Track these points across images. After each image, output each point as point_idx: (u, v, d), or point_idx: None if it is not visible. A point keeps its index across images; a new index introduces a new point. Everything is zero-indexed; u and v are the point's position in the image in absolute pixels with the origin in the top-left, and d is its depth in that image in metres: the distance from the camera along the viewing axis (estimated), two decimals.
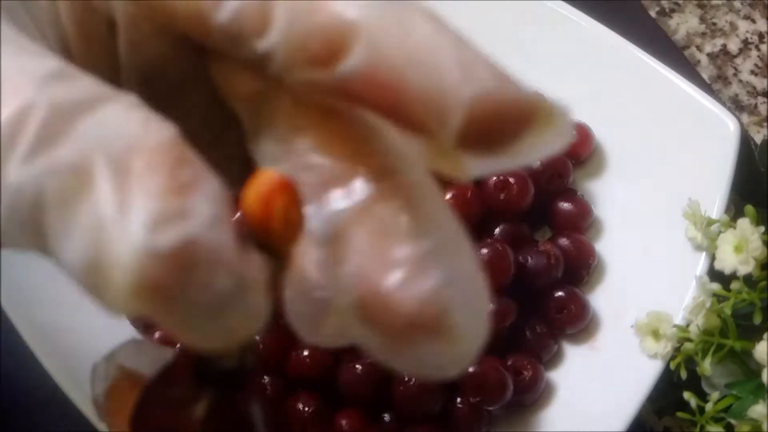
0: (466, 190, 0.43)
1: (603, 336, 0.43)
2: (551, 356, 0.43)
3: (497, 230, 0.44)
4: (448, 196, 0.43)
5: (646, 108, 0.46)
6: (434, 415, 0.40)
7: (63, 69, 0.14)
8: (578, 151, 0.47)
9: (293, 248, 0.15)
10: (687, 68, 0.56)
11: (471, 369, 0.40)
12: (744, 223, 0.36)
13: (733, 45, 0.59)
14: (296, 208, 0.15)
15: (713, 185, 0.42)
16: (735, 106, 0.56)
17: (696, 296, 0.38)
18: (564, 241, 0.44)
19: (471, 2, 0.50)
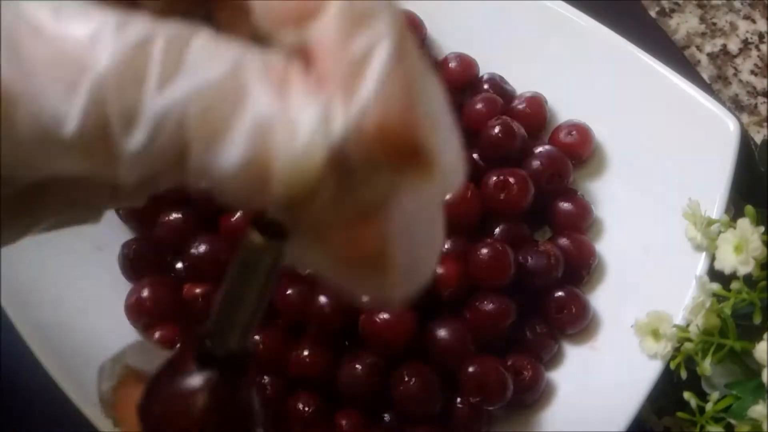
0: (466, 190, 0.43)
1: (603, 336, 0.43)
2: (551, 356, 0.43)
3: (497, 230, 0.44)
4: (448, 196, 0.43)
5: (646, 108, 0.46)
6: (434, 415, 0.40)
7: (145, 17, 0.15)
8: (578, 151, 0.47)
9: None
10: (687, 68, 0.56)
11: (471, 369, 0.40)
12: (744, 223, 0.36)
13: (733, 45, 0.59)
14: None
15: (713, 185, 0.42)
16: (735, 106, 0.56)
17: (696, 296, 0.38)
18: (564, 241, 0.44)
19: (471, 2, 0.50)
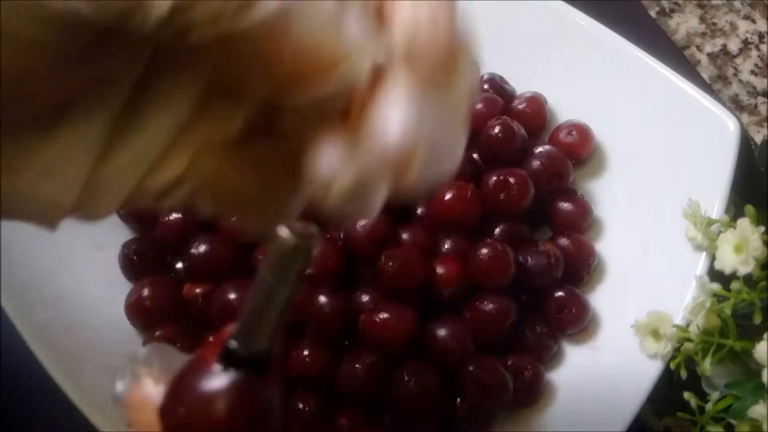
0: (466, 190, 0.43)
1: (603, 336, 0.43)
2: (551, 356, 0.43)
3: (497, 230, 0.44)
4: (449, 196, 0.43)
5: (646, 108, 0.46)
6: (434, 415, 0.40)
7: None
8: (578, 151, 0.47)
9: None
10: (687, 68, 0.56)
11: (471, 369, 0.40)
12: (744, 223, 0.36)
13: (733, 45, 0.59)
14: None
15: (713, 185, 0.42)
16: (735, 106, 0.56)
17: (696, 296, 0.38)
18: (564, 241, 0.44)
19: (471, 3, 0.50)
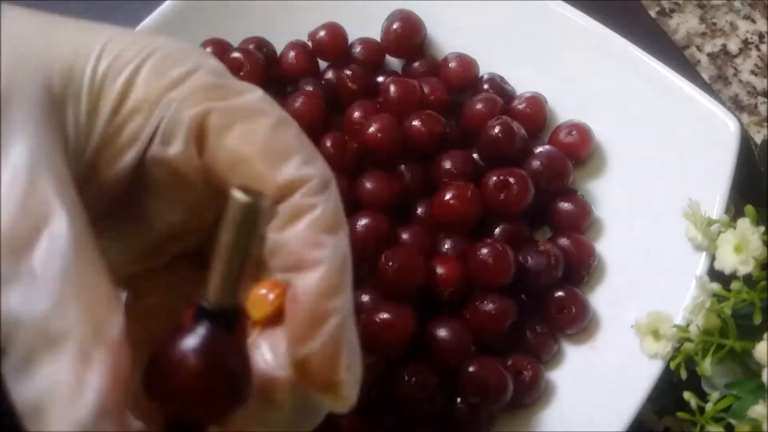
0: (466, 190, 0.43)
1: (603, 336, 0.43)
2: (551, 356, 0.43)
3: (497, 230, 0.44)
4: (449, 196, 0.43)
5: (646, 108, 0.46)
6: (434, 416, 0.40)
7: None
8: (578, 151, 0.47)
9: None
10: (687, 68, 0.56)
11: (471, 369, 0.40)
12: (744, 223, 0.36)
13: (733, 45, 0.59)
14: None
15: (713, 185, 0.42)
16: (735, 106, 0.56)
17: (696, 296, 0.38)
18: (564, 241, 0.44)
19: (471, 2, 0.50)
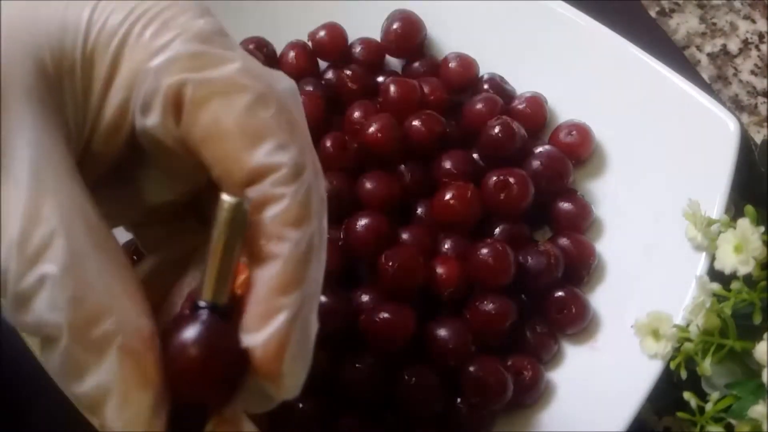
0: (466, 190, 0.43)
1: (603, 336, 0.43)
2: (551, 356, 0.43)
3: (497, 230, 0.44)
4: (449, 196, 0.43)
5: (647, 108, 0.46)
6: (435, 416, 0.40)
7: None
8: (578, 151, 0.47)
9: None
10: (687, 68, 0.56)
11: (471, 369, 0.40)
12: (744, 223, 0.36)
13: (733, 45, 0.59)
14: None
15: (713, 185, 0.42)
16: (735, 106, 0.56)
17: (696, 296, 0.38)
18: (564, 241, 0.44)
19: (471, 2, 0.50)
